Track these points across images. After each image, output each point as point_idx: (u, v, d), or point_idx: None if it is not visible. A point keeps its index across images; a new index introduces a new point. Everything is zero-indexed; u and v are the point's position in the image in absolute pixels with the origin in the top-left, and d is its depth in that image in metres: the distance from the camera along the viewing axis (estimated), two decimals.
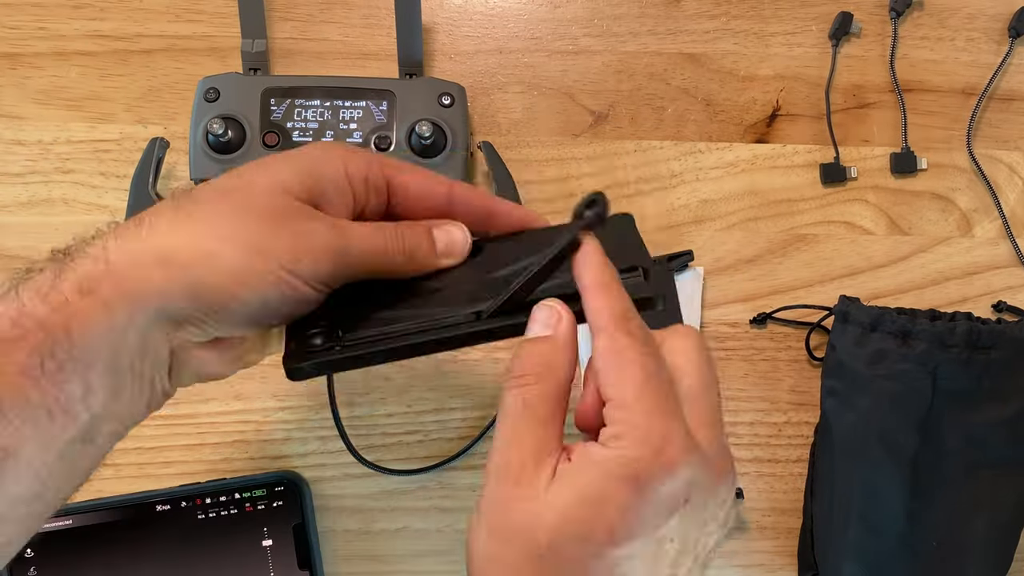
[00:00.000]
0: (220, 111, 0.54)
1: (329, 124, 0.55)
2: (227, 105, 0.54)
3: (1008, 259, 0.59)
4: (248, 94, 0.55)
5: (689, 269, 0.58)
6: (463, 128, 0.55)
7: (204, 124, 0.53)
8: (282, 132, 0.54)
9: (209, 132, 0.53)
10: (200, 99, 0.54)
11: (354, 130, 0.55)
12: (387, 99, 0.55)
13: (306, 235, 0.36)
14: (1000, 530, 0.53)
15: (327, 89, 0.55)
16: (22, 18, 0.59)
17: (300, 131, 0.55)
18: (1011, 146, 0.60)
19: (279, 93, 0.55)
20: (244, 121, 0.54)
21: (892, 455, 0.52)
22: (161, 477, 0.56)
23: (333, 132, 0.54)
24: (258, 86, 0.55)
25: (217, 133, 0.53)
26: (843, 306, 0.55)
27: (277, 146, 0.54)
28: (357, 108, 0.55)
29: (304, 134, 0.55)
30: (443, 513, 0.57)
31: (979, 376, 0.52)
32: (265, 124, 0.54)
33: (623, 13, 0.60)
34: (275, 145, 0.54)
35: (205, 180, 0.47)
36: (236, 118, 0.54)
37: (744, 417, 0.58)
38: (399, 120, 0.55)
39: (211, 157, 0.54)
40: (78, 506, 0.54)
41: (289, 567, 0.54)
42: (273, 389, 0.57)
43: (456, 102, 0.55)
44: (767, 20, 0.61)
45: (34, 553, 0.53)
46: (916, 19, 0.61)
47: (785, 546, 0.57)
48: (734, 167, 0.59)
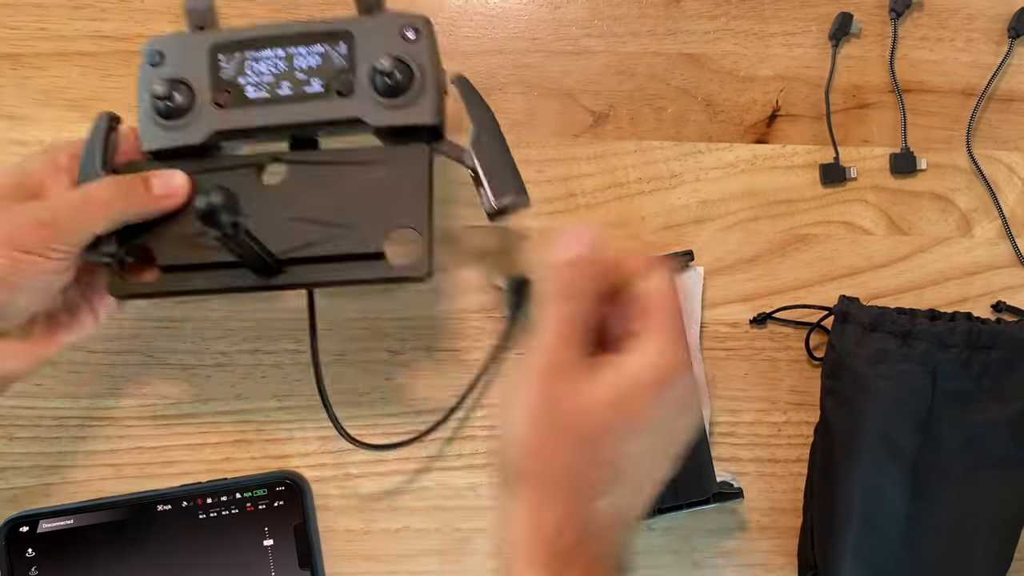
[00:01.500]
0: (165, 74, 0.49)
1: (284, 75, 0.49)
2: (173, 67, 0.49)
3: (1008, 259, 0.59)
4: (194, 53, 0.49)
5: (689, 269, 0.58)
6: (432, 63, 0.49)
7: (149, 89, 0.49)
8: (234, 89, 0.49)
9: (154, 96, 0.48)
10: (144, 65, 0.50)
11: (313, 78, 0.49)
12: (345, 40, 0.49)
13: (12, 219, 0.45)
14: (1000, 530, 0.53)
15: (278, 37, 0.49)
16: (23, 18, 0.59)
17: (254, 86, 0.49)
18: (1011, 146, 0.60)
19: (228, 48, 0.49)
20: (192, 82, 0.49)
21: (892, 455, 0.52)
22: (162, 477, 0.56)
23: (289, 83, 0.49)
24: (204, 43, 0.49)
25: (160, 95, 0.48)
26: (843, 306, 0.55)
27: (229, 105, 0.49)
28: (313, 54, 0.49)
29: (259, 89, 0.49)
30: (443, 513, 0.57)
31: (979, 376, 0.52)
32: (215, 83, 0.49)
33: (623, 13, 0.61)
34: (227, 104, 0.49)
35: (158, 151, 0.49)
36: (183, 80, 0.49)
37: (744, 417, 0.58)
38: (360, 62, 0.48)
39: (160, 124, 0.49)
40: (79, 506, 0.54)
41: (290, 567, 0.54)
42: (274, 389, 0.57)
43: (422, 35, 0.49)
44: (767, 20, 0.61)
45: (35, 553, 0.53)
46: (916, 19, 0.61)
47: (785, 546, 0.57)
48: (734, 167, 0.59)
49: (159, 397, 0.57)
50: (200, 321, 0.57)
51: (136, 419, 0.56)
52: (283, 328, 0.58)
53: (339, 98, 0.48)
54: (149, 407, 0.57)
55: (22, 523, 0.53)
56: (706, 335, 0.58)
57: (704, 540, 0.57)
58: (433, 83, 0.49)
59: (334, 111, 0.48)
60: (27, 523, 0.53)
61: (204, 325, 0.57)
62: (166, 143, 0.49)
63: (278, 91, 0.49)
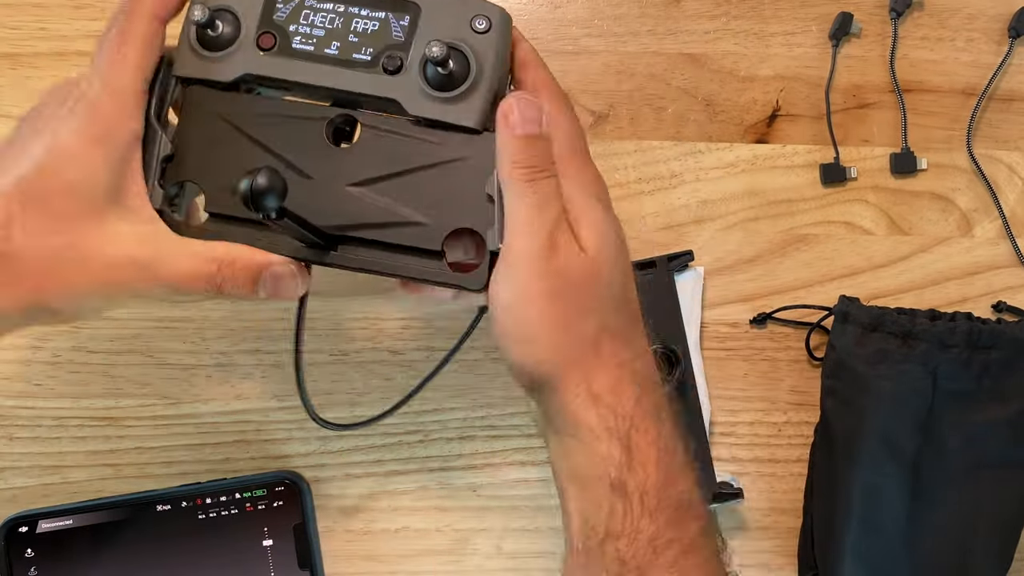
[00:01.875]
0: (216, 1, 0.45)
1: (336, 34, 0.45)
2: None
3: (1008, 259, 0.59)
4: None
5: (689, 269, 0.58)
6: (496, 61, 0.44)
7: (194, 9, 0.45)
8: (281, 35, 0.45)
9: (195, 25, 0.44)
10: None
11: (364, 45, 0.44)
12: (410, 12, 0.44)
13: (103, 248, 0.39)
14: (1000, 530, 0.53)
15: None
16: (23, 18, 0.59)
17: (303, 38, 0.45)
18: (1011, 146, 0.60)
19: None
20: (240, 14, 0.45)
21: (892, 455, 0.52)
22: (162, 477, 0.56)
23: (339, 44, 0.44)
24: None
25: (199, 22, 0.43)
26: (843, 306, 0.55)
27: (272, 49, 0.45)
28: (374, 19, 0.45)
29: (306, 41, 0.45)
30: (443, 513, 0.57)
31: (979, 376, 0.52)
32: (265, 22, 0.45)
33: (623, 13, 0.61)
34: (270, 48, 0.45)
35: (189, 79, 0.45)
36: (232, 10, 0.45)
37: (744, 417, 0.58)
38: (419, 40, 0.44)
39: (196, 53, 0.45)
40: (78, 506, 0.54)
41: (289, 567, 0.54)
42: (274, 389, 0.57)
43: (494, 28, 0.44)
44: (767, 20, 0.61)
45: (34, 553, 0.53)
46: (916, 19, 0.61)
47: (785, 546, 0.57)
48: (734, 167, 0.59)
49: (159, 397, 0.57)
50: (200, 321, 0.57)
51: (136, 419, 0.56)
52: (283, 328, 0.57)
53: (384, 74, 0.44)
54: (149, 407, 0.57)
55: (21, 523, 0.53)
56: (706, 335, 0.58)
57: None
58: (490, 84, 0.44)
59: (374, 87, 0.44)
60: (26, 523, 0.53)
61: (204, 325, 0.57)
62: (195, 72, 0.45)
63: (325, 49, 0.45)
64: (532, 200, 0.40)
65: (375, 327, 0.58)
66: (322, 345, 0.57)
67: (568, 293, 0.40)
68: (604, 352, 0.41)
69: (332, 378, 0.57)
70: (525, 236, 0.40)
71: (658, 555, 0.38)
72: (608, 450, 0.39)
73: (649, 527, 0.38)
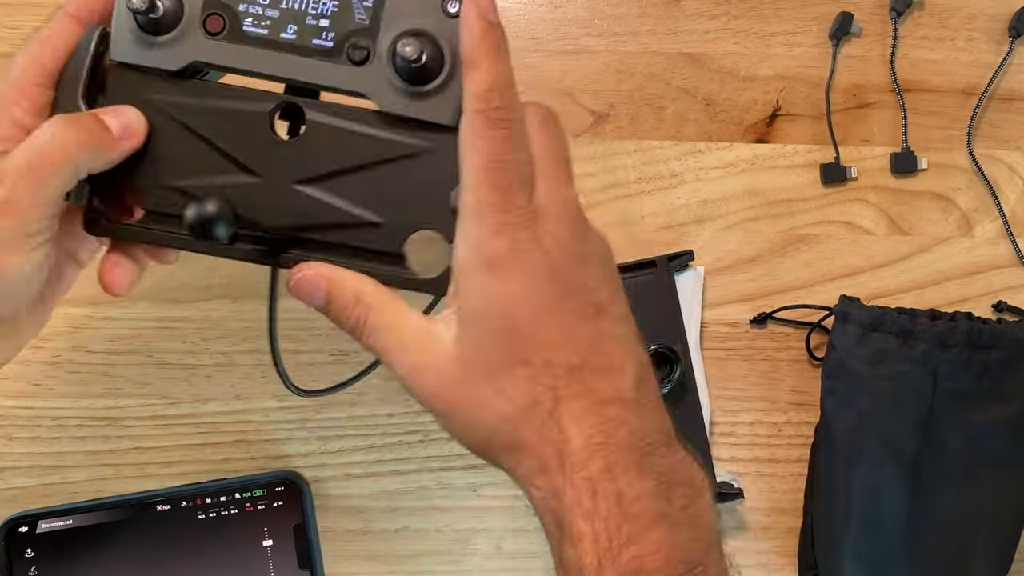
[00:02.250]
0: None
1: (293, 15, 0.40)
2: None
3: (1008, 259, 0.59)
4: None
5: (689, 269, 0.58)
6: None
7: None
8: (230, 17, 0.40)
9: (132, 8, 0.39)
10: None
11: (325, 29, 0.40)
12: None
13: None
14: (1001, 530, 0.53)
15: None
16: (22, 18, 0.59)
17: (254, 19, 0.40)
18: (1011, 146, 0.60)
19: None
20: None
21: (893, 455, 0.52)
22: (161, 477, 0.56)
23: (295, 27, 0.40)
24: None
25: (139, 9, 0.39)
26: (843, 306, 0.55)
27: (220, 34, 0.40)
28: (334, 1, 0.40)
29: (258, 23, 0.40)
30: (443, 513, 0.57)
31: (980, 376, 0.52)
32: (210, 3, 0.40)
33: (623, 13, 0.61)
34: (218, 32, 0.40)
35: (127, 65, 0.41)
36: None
37: (744, 417, 0.58)
38: (386, 24, 0.40)
39: (136, 37, 0.40)
40: (78, 506, 0.54)
41: (289, 567, 0.54)
42: (274, 389, 0.57)
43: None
44: (767, 20, 0.61)
45: (34, 553, 0.53)
46: (916, 19, 0.61)
47: (785, 546, 0.57)
48: (734, 167, 0.59)
49: (159, 397, 0.57)
50: (200, 321, 0.57)
51: (136, 419, 0.56)
52: (283, 328, 0.57)
53: (349, 64, 0.40)
54: (149, 407, 0.57)
55: (21, 523, 0.53)
56: (706, 335, 0.58)
57: None
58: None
59: (340, 79, 0.40)
60: (26, 523, 0.53)
61: (204, 325, 0.57)
62: (137, 59, 0.41)
63: (280, 33, 0.40)
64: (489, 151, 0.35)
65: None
66: (322, 345, 0.57)
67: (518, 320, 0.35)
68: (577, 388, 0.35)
69: (332, 378, 0.57)
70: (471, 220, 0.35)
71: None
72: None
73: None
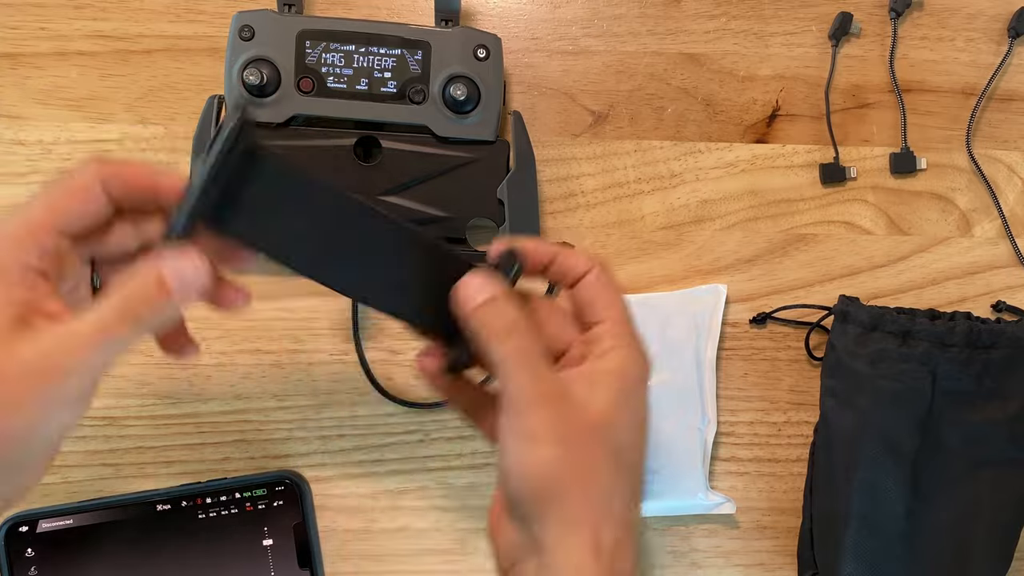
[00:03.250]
0: (255, 51, 0.53)
1: (363, 72, 0.54)
2: (262, 45, 0.53)
3: (1008, 259, 0.59)
4: (283, 35, 0.53)
5: (710, 285, 0.58)
6: (497, 84, 0.54)
7: (239, 65, 0.53)
8: (317, 78, 0.53)
9: (244, 82, 0.53)
10: (234, 36, 0.53)
11: (388, 79, 0.54)
12: (422, 49, 0.54)
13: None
14: (1000, 530, 0.53)
15: (363, 35, 0.54)
16: (23, 18, 0.59)
17: (335, 77, 0.54)
18: (1010, 146, 0.60)
19: (315, 35, 0.53)
20: (279, 64, 0.53)
21: (892, 455, 0.52)
22: (161, 477, 0.56)
23: (367, 80, 0.54)
24: (293, 27, 0.53)
25: (252, 84, 0.52)
26: (843, 306, 0.55)
27: (312, 92, 0.53)
28: (391, 56, 0.54)
29: (338, 80, 0.54)
30: (443, 513, 0.57)
31: (979, 375, 0.52)
32: (300, 68, 0.53)
33: (623, 13, 0.61)
34: (310, 91, 0.53)
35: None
36: (271, 60, 0.53)
37: (744, 417, 0.58)
38: (434, 71, 0.54)
39: (247, 101, 0.53)
40: (78, 506, 0.54)
41: (289, 566, 0.54)
42: (273, 389, 0.57)
43: (491, 55, 0.54)
44: (767, 20, 0.61)
45: (34, 553, 0.53)
46: (916, 19, 0.61)
47: (785, 546, 0.57)
48: (734, 167, 0.60)
49: (159, 397, 0.57)
50: (200, 321, 0.57)
51: (136, 419, 0.56)
52: (283, 328, 0.58)
53: (411, 104, 0.54)
54: (149, 407, 0.57)
55: (21, 523, 0.53)
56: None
57: (704, 540, 0.57)
58: (496, 101, 0.55)
59: (405, 115, 0.54)
60: (26, 523, 0.53)
61: (204, 325, 0.57)
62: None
63: (356, 86, 0.54)
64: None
65: (375, 327, 0.58)
66: (322, 345, 0.57)
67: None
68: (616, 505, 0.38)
69: (332, 378, 0.57)
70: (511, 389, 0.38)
71: None
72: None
73: None
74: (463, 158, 0.54)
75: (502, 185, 0.54)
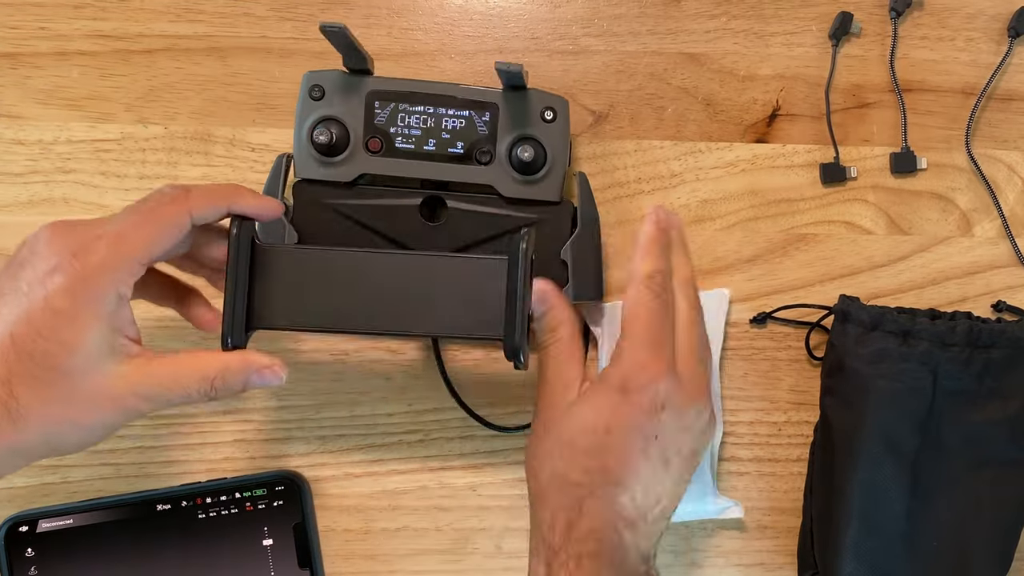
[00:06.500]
0: (325, 111, 0.54)
1: (431, 132, 0.54)
2: (331, 105, 0.54)
3: (1008, 259, 0.59)
4: (353, 95, 0.54)
5: (715, 290, 0.58)
6: (563, 145, 0.54)
7: (309, 124, 0.54)
8: (385, 138, 0.54)
9: (314, 141, 0.53)
10: (305, 96, 0.54)
11: (456, 140, 0.54)
12: (489, 110, 0.54)
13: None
14: (1001, 530, 0.53)
15: (431, 96, 0.54)
16: (23, 18, 0.59)
17: (403, 138, 0.54)
18: (1010, 146, 0.60)
19: (384, 96, 0.54)
20: (348, 124, 0.54)
21: (892, 454, 0.52)
22: (161, 476, 0.56)
23: (435, 141, 0.54)
24: (363, 88, 0.54)
25: (321, 143, 0.53)
26: (843, 305, 0.55)
27: (380, 152, 0.54)
28: (460, 118, 0.54)
29: (407, 141, 0.54)
30: (443, 513, 0.57)
31: (980, 375, 0.52)
32: (369, 128, 0.54)
33: (623, 13, 0.61)
34: (378, 151, 0.54)
35: (308, 180, 0.54)
36: (340, 120, 0.54)
37: (744, 416, 0.58)
38: (501, 133, 0.54)
39: (316, 159, 0.54)
40: (78, 506, 0.54)
41: (289, 566, 0.54)
42: (274, 389, 0.57)
43: (558, 117, 0.54)
44: (767, 20, 0.61)
45: (34, 553, 0.53)
46: (916, 19, 0.61)
47: (785, 546, 0.57)
48: (734, 167, 0.59)
49: None
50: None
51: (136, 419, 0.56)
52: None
53: (477, 164, 0.54)
54: None
55: (21, 523, 0.53)
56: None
57: (704, 540, 0.57)
58: (562, 163, 0.54)
59: (471, 175, 0.54)
60: (27, 523, 0.53)
61: None
62: (320, 175, 0.54)
63: (424, 146, 0.54)
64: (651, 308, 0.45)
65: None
66: (322, 345, 0.57)
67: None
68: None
69: (332, 378, 0.57)
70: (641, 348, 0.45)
71: None
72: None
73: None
74: (528, 219, 0.54)
75: (566, 247, 0.54)
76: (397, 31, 0.60)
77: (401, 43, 0.59)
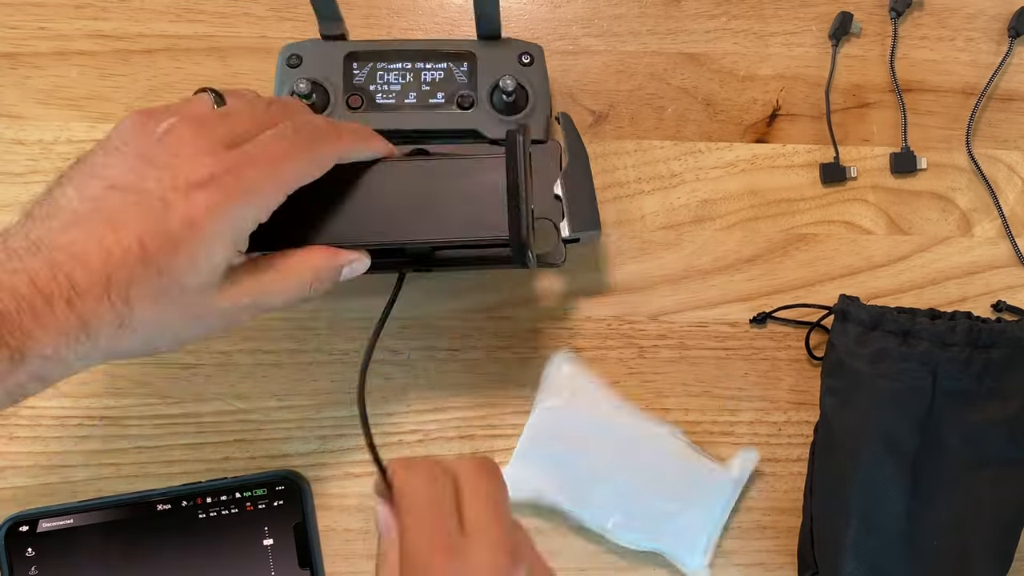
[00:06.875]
0: (303, 75, 0.54)
1: (411, 86, 0.55)
2: (310, 70, 0.55)
3: (1008, 259, 0.59)
4: (330, 59, 0.55)
5: (740, 453, 0.56)
6: (544, 86, 0.55)
7: (289, 87, 0.54)
8: (365, 95, 0.55)
9: (295, 93, 0.53)
10: (282, 65, 0.55)
11: (437, 91, 0.55)
12: (468, 60, 0.55)
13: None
14: (1000, 529, 0.53)
15: (408, 52, 0.55)
16: (23, 18, 0.59)
17: (383, 94, 0.55)
18: (1010, 146, 0.60)
19: (360, 57, 0.55)
20: (328, 85, 0.54)
21: (892, 454, 0.52)
22: (162, 476, 0.56)
23: (415, 94, 0.55)
24: (340, 50, 0.55)
25: (303, 94, 0.53)
26: (843, 305, 0.55)
27: (360, 108, 0.54)
28: (438, 70, 0.55)
29: (387, 96, 0.55)
30: None
31: (980, 375, 0.52)
32: (348, 87, 0.55)
33: (623, 13, 0.61)
34: (359, 107, 0.54)
35: None
36: (319, 82, 0.54)
37: (744, 416, 0.58)
38: (481, 79, 0.55)
39: None
40: (78, 505, 0.54)
41: (290, 566, 0.54)
42: (274, 388, 0.57)
43: (536, 61, 0.55)
44: (767, 20, 0.61)
45: (34, 552, 0.53)
46: (916, 19, 0.61)
47: (785, 546, 0.57)
48: (734, 167, 0.60)
49: (159, 397, 0.57)
50: None
51: (136, 419, 0.56)
52: (283, 328, 0.58)
53: (459, 111, 0.54)
54: (149, 407, 0.57)
55: (22, 522, 0.53)
56: (706, 335, 0.58)
57: None
58: (544, 103, 0.55)
59: (456, 122, 0.54)
60: (27, 522, 0.53)
61: None
62: None
63: (404, 99, 0.55)
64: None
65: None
66: (322, 345, 0.57)
67: None
68: None
69: (332, 378, 0.57)
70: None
71: None
72: None
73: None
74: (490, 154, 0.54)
75: (558, 181, 0.53)
76: (397, 31, 0.60)
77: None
